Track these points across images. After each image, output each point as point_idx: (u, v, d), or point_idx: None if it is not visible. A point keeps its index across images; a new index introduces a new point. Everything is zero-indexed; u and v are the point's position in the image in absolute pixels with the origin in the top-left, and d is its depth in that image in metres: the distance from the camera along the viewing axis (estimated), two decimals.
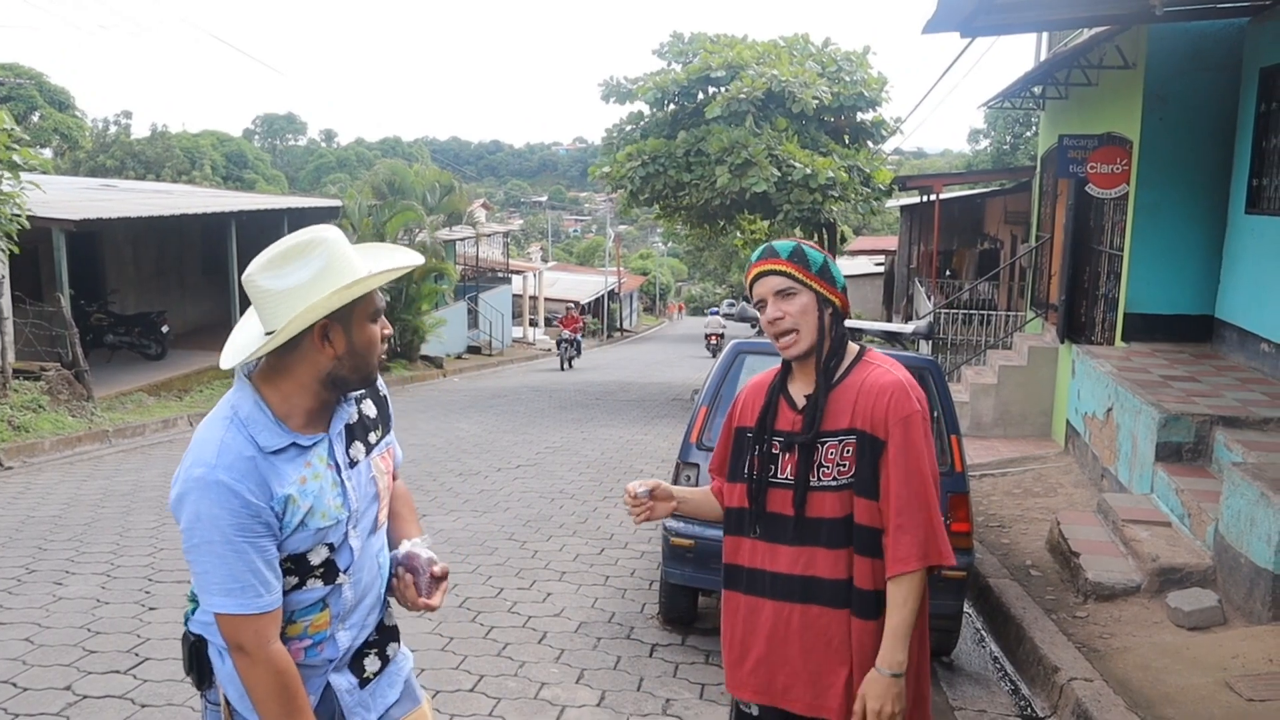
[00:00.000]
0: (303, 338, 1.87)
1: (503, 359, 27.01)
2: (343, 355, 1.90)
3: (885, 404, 2.25)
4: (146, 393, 13.52)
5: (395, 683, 2.15)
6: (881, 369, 2.33)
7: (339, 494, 1.94)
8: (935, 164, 55.65)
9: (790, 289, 2.31)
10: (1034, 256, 13.21)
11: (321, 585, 1.95)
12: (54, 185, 16.72)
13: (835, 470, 2.29)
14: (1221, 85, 8.27)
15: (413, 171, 23.25)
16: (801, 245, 2.35)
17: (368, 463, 2.04)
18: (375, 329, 1.94)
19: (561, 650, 4.85)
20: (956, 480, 4.65)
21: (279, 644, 1.86)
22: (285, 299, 1.84)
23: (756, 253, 2.41)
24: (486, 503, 7.99)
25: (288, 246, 1.88)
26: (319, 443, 1.93)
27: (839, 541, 2.28)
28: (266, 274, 1.87)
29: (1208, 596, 4.88)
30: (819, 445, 2.30)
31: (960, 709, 4.42)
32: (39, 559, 6.16)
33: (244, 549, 1.80)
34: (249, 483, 1.81)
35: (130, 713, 4.03)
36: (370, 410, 2.09)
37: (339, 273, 1.86)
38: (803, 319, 2.30)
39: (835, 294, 2.34)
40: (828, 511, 2.29)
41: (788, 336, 2.31)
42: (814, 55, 17.21)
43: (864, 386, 2.29)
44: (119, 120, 58.84)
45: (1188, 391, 6.75)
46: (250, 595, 1.81)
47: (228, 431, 1.85)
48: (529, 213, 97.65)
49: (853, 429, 2.28)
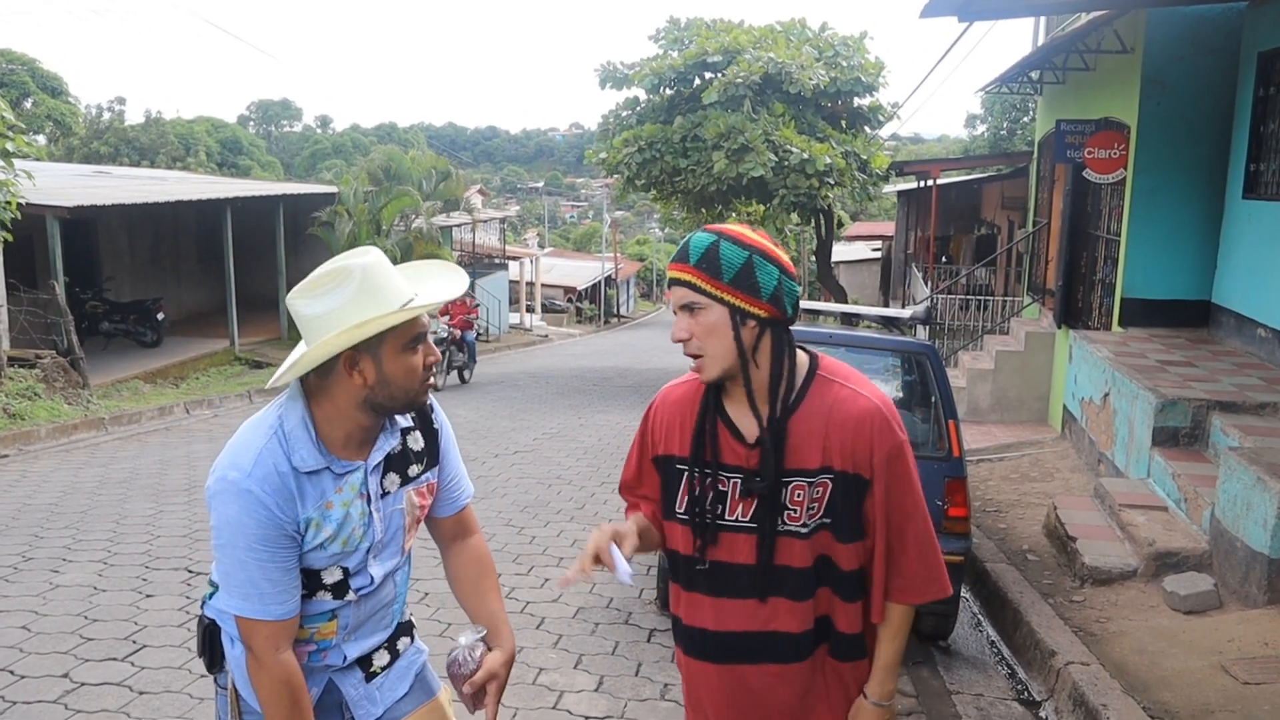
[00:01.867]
0: (334, 365, 1.84)
1: (499, 345, 26.98)
2: (374, 385, 1.85)
3: (869, 439, 1.91)
4: (142, 380, 13.52)
5: (405, 676, 2.13)
6: (849, 390, 1.95)
7: (365, 523, 1.92)
8: (932, 149, 55.60)
9: (695, 303, 1.87)
10: (1031, 242, 13.20)
11: (331, 599, 1.95)
12: (48, 172, 16.66)
13: (805, 514, 1.93)
14: (1220, 70, 8.24)
15: (409, 157, 23.18)
16: (720, 242, 1.87)
17: (400, 494, 2.00)
18: (414, 358, 1.87)
19: (559, 636, 4.85)
20: (954, 465, 4.65)
21: (289, 653, 1.87)
22: (316, 324, 1.83)
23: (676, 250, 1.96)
24: (484, 489, 7.99)
25: (324, 271, 1.85)
26: (354, 471, 1.91)
27: (805, 593, 1.97)
28: (302, 298, 1.85)
29: (1204, 581, 4.90)
30: (784, 486, 1.93)
31: (957, 693, 4.44)
32: (35, 546, 6.16)
33: (265, 558, 1.81)
34: (277, 498, 1.81)
35: (128, 700, 4.03)
36: (417, 444, 2.04)
37: (364, 304, 1.81)
38: (709, 340, 1.87)
39: (760, 304, 1.86)
40: (796, 560, 1.95)
41: (696, 360, 1.91)
42: (811, 40, 17.14)
43: (834, 417, 1.92)
44: (113, 106, 58.74)
45: (1184, 376, 6.76)
46: (265, 602, 1.82)
47: (269, 442, 1.84)
48: (526, 198, 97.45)
49: (826, 468, 1.92)
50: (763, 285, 1.86)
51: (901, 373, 5.17)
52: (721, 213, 18.10)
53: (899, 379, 5.18)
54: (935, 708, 4.27)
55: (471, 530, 2.22)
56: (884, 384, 5.21)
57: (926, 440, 4.83)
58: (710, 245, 1.86)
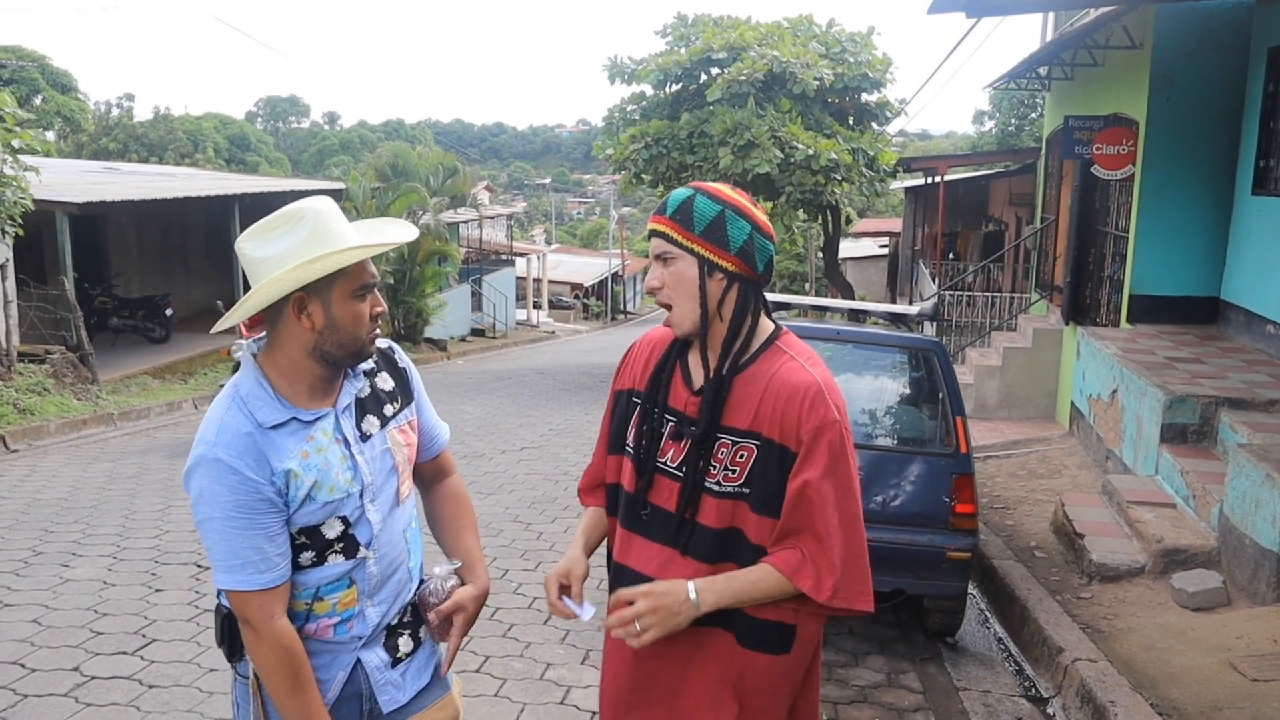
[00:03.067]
0: (283, 310, 1.85)
1: (507, 342, 27.01)
2: (322, 330, 1.86)
3: (798, 410, 1.88)
4: (151, 375, 13.55)
5: (428, 665, 2.13)
6: (795, 363, 1.95)
7: (349, 468, 1.92)
8: (940, 146, 55.41)
9: (667, 253, 1.94)
10: (1039, 238, 13.17)
11: (344, 560, 1.94)
12: (57, 168, 16.72)
13: (721, 474, 1.94)
14: (1229, 65, 8.21)
15: (416, 154, 23.23)
16: (697, 196, 1.93)
17: (383, 435, 2.01)
18: (360, 305, 1.89)
19: (567, 632, 4.86)
20: (961, 462, 4.64)
21: (285, 620, 1.87)
22: (265, 268, 1.84)
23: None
24: (491, 485, 8.00)
25: (276, 215, 1.88)
26: (323, 417, 1.92)
27: (705, 555, 1.95)
28: (252, 241, 1.87)
29: (1212, 578, 4.89)
30: (713, 440, 1.95)
31: (964, 689, 4.44)
32: (45, 541, 6.19)
33: (244, 525, 1.81)
34: (247, 459, 1.81)
35: (138, 693, 4.05)
36: (386, 383, 2.06)
37: (317, 245, 1.83)
38: (678, 290, 1.93)
39: (728, 257, 1.91)
40: (706, 519, 1.95)
41: (668, 313, 1.98)
42: (818, 36, 17.10)
43: (771, 383, 1.93)
44: (121, 103, 58.89)
45: (1193, 373, 6.74)
46: (251, 571, 1.82)
47: (228, 410, 1.86)
48: (532, 195, 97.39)
49: (754, 432, 1.92)
50: (732, 238, 1.91)
51: (909, 369, 5.17)
52: None
53: (906, 375, 5.18)
54: (942, 704, 4.27)
55: (449, 471, 2.28)
56: (891, 380, 5.22)
57: (934, 436, 4.83)
58: (686, 199, 1.94)
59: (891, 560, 4.54)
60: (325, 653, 1.96)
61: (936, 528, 4.57)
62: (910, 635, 5.05)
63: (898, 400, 5.18)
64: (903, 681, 4.48)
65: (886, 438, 4.96)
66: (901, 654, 4.81)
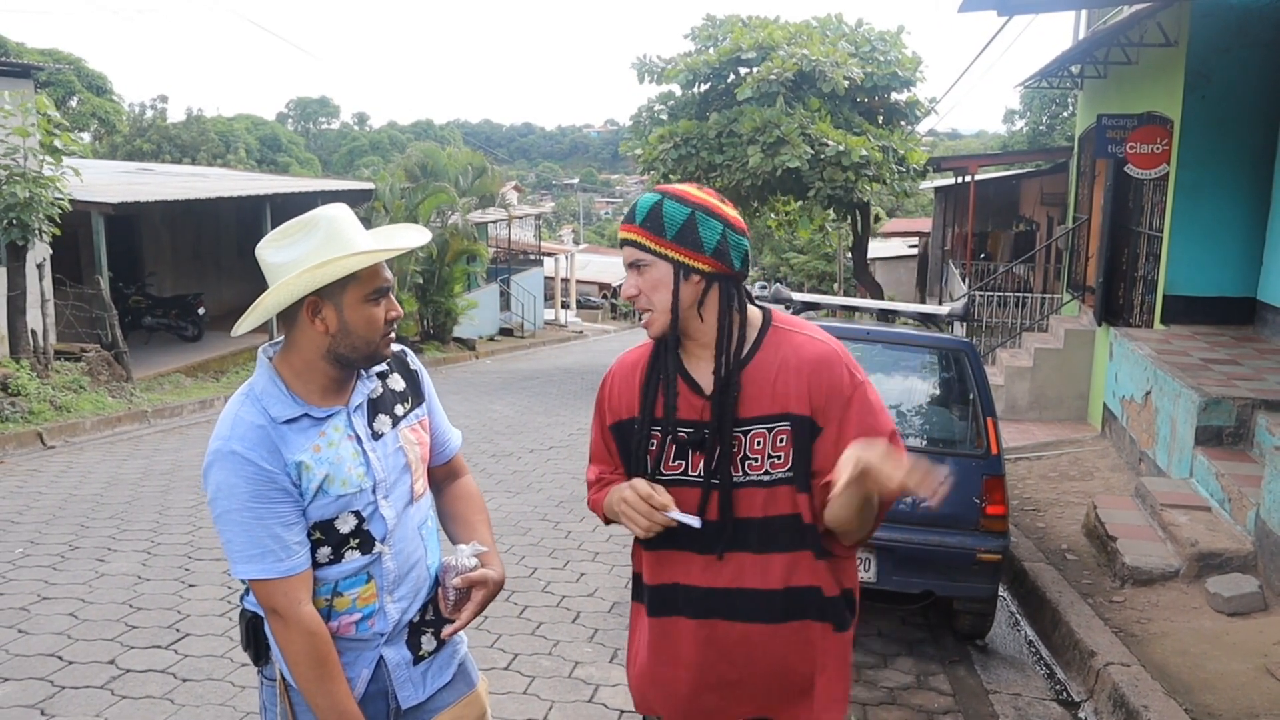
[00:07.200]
0: (298, 314, 1.89)
1: (535, 341, 27.09)
2: (336, 334, 1.89)
3: (825, 379, 1.94)
4: (184, 373, 13.71)
5: (449, 664, 2.15)
6: (801, 336, 1.99)
7: (361, 463, 1.95)
8: (970, 145, 54.99)
9: (641, 261, 1.95)
10: (1071, 238, 13.04)
11: (360, 556, 1.96)
12: (92, 169, 16.94)
13: (767, 463, 1.96)
14: (1266, 63, 8.10)
15: (445, 154, 23.32)
16: (664, 201, 1.93)
17: (395, 434, 2.04)
18: (374, 310, 1.91)
19: (595, 630, 4.87)
20: (992, 463, 4.61)
21: (310, 607, 1.89)
22: (280, 272, 1.88)
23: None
24: (520, 484, 8.03)
25: (292, 222, 1.91)
26: (335, 414, 1.95)
27: (770, 545, 1.98)
28: (269, 247, 1.91)
29: (1248, 582, 4.82)
30: (744, 435, 1.96)
31: (994, 692, 4.40)
32: (82, 536, 6.28)
33: (262, 515, 1.84)
34: (261, 450, 1.85)
35: (172, 686, 4.10)
36: (398, 384, 2.10)
37: (327, 251, 1.86)
38: (655, 296, 1.94)
39: (703, 259, 1.92)
40: (757, 511, 1.98)
41: (645, 316, 1.98)
42: (847, 35, 17.01)
43: (789, 362, 1.96)
44: (155, 104, 59.49)
45: (1228, 374, 6.65)
46: (271, 560, 1.85)
47: (243, 406, 1.90)
48: (560, 195, 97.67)
49: (784, 413, 1.95)
50: (705, 240, 1.92)
51: (939, 370, 5.13)
52: (757, 208, 18.02)
53: (937, 376, 5.15)
54: (972, 707, 4.24)
55: (462, 472, 2.32)
56: (922, 381, 5.18)
57: (964, 437, 4.80)
58: (654, 205, 1.94)
59: (921, 561, 4.51)
60: (349, 650, 1.98)
61: (967, 529, 4.53)
62: (940, 637, 5.02)
63: (928, 401, 5.15)
64: (932, 684, 4.45)
65: (916, 438, 4.93)
66: (931, 656, 4.78)
